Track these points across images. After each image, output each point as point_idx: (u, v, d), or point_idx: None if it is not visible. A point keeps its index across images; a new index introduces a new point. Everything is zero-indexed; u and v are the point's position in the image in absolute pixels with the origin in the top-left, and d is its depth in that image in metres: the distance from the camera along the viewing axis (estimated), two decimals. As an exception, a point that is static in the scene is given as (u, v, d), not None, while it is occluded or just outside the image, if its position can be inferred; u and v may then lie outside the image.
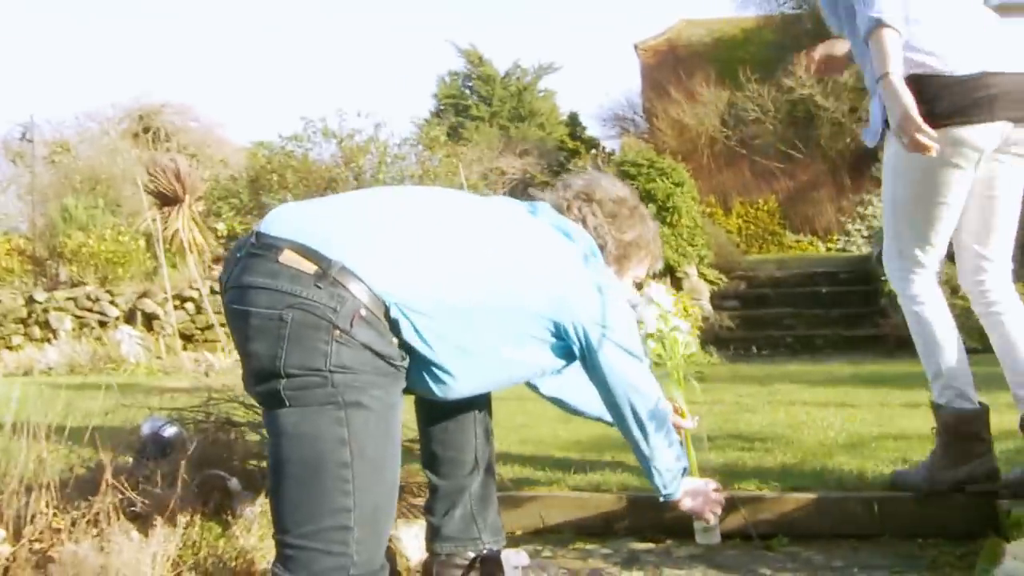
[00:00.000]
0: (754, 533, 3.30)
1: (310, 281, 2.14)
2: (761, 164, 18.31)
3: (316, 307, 2.12)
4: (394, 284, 2.19)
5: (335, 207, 2.40)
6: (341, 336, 2.12)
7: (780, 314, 12.50)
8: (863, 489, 3.39)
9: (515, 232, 2.50)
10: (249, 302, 2.17)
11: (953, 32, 3.04)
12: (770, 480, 3.50)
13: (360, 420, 2.14)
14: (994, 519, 3.14)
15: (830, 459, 3.77)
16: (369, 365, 2.16)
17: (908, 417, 4.41)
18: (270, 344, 2.13)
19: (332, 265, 2.15)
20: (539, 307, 2.42)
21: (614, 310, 2.54)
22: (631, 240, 2.81)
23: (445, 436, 2.82)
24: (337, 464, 2.12)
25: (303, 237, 2.21)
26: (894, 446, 3.97)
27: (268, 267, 2.18)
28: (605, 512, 3.50)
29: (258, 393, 2.21)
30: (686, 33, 24.10)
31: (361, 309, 2.14)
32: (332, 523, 2.12)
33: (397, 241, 2.28)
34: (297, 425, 2.13)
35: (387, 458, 2.22)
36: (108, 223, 15.71)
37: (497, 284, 2.35)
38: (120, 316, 13.27)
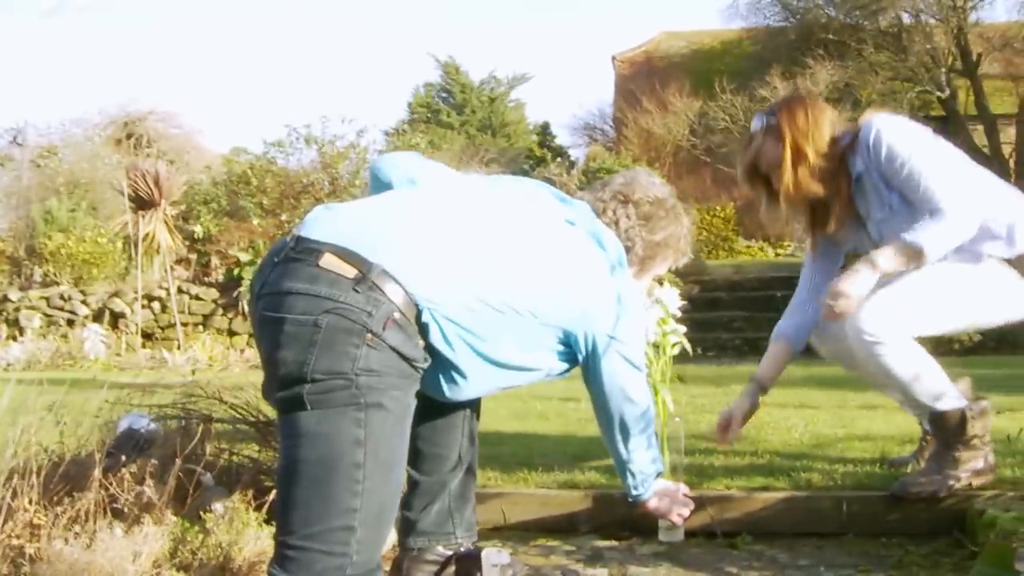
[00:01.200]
0: (718, 531, 3.29)
1: (349, 285, 2.12)
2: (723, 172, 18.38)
3: (352, 311, 2.10)
4: (430, 288, 2.19)
5: (377, 208, 2.38)
6: (373, 340, 2.11)
7: (731, 317, 12.54)
8: (832, 489, 3.37)
9: (551, 241, 2.48)
10: (286, 308, 2.13)
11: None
12: (739, 479, 3.48)
13: (378, 421, 2.13)
14: (960, 519, 3.15)
15: (798, 459, 3.76)
16: (394, 368, 2.15)
17: (868, 419, 4.41)
18: (300, 350, 2.10)
19: (372, 269, 2.14)
20: (560, 318, 2.42)
21: (628, 323, 2.54)
22: (660, 241, 2.80)
23: (432, 434, 2.76)
24: (351, 465, 2.10)
25: (344, 240, 2.19)
26: (860, 447, 3.98)
27: (308, 272, 2.15)
28: (569, 509, 3.46)
29: (279, 399, 2.17)
30: (665, 45, 24.24)
31: (395, 313, 2.14)
32: (338, 524, 2.09)
33: (437, 244, 2.27)
34: (316, 425, 2.10)
35: (397, 459, 2.22)
36: (88, 225, 15.65)
37: (527, 295, 2.34)
38: (89, 315, 13.30)
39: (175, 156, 22.70)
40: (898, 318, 3.02)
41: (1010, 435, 3.74)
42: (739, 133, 18.49)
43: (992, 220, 3.08)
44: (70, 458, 3.22)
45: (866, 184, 3.17)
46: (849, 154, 3.17)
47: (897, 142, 3.07)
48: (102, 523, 2.66)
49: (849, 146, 3.17)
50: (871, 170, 3.13)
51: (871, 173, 3.14)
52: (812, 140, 3.15)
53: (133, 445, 3.36)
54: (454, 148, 22.40)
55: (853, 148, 3.16)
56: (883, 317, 3.01)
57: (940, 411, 3.14)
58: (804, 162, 3.15)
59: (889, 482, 3.30)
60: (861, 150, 3.14)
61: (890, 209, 3.14)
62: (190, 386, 3.79)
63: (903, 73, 18.67)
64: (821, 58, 18.14)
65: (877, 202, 3.17)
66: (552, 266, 2.42)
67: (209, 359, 11.42)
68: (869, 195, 3.18)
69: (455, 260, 2.26)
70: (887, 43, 19.22)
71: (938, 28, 18.74)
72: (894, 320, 3.02)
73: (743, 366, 8.99)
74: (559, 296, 2.40)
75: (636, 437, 2.65)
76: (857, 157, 3.15)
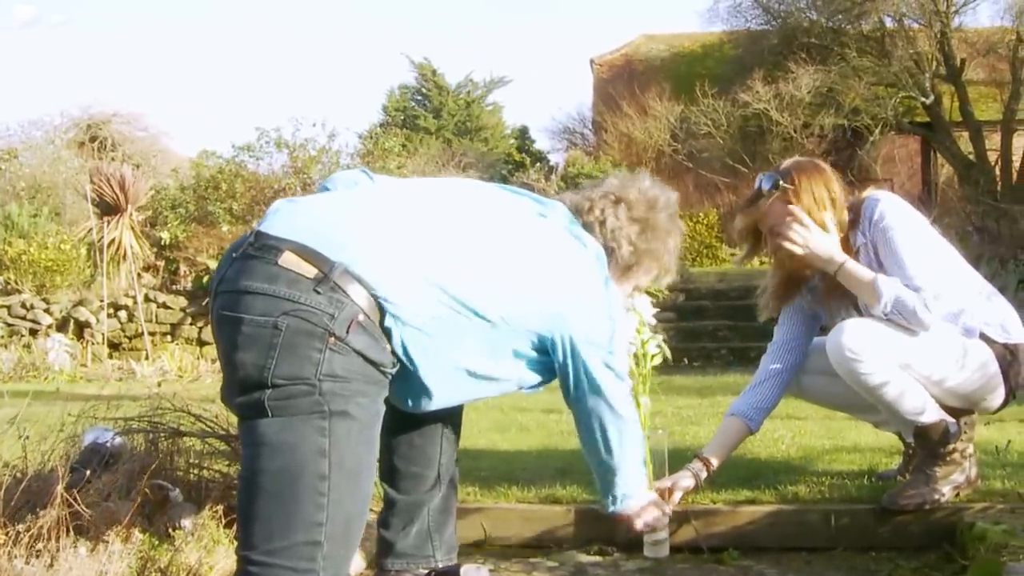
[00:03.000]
0: (704, 546, 3.27)
1: (309, 286, 2.06)
2: (706, 178, 18.44)
3: (313, 313, 2.04)
4: (395, 290, 2.12)
5: (341, 204, 2.32)
6: (336, 344, 2.05)
7: (717, 326, 12.54)
8: (820, 502, 3.37)
9: (526, 238, 2.41)
10: (243, 308, 2.07)
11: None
12: (724, 493, 3.45)
13: (343, 430, 2.06)
14: (950, 532, 3.16)
15: (785, 472, 3.75)
16: (360, 373, 2.09)
17: (856, 430, 4.41)
18: (260, 353, 2.04)
19: (334, 268, 2.07)
20: (535, 323, 2.35)
21: (610, 328, 2.46)
22: (648, 248, 2.68)
23: (409, 451, 2.70)
24: (314, 476, 2.04)
25: (305, 237, 2.12)
26: (848, 459, 3.98)
27: (267, 270, 2.09)
28: (552, 525, 3.45)
29: (239, 405, 2.11)
30: (644, 48, 24.29)
31: (359, 315, 2.07)
32: (303, 538, 2.03)
33: (403, 242, 2.20)
34: (278, 434, 2.04)
35: (364, 468, 2.14)
36: (50, 231, 15.51)
37: (500, 298, 2.28)
38: (53, 324, 13.16)
39: (141, 159, 22.59)
40: (878, 340, 3.09)
41: (998, 446, 3.75)
42: (721, 138, 18.57)
43: (982, 312, 3.22)
44: (33, 473, 3.17)
45: (861, 260, 3.22)
46: (850, 229, 3.24)
47: (896, 219, 3.15)
48: (65, 541, 2.62)
49: (852, 220, 3.24)
50: (868, 245, 3.21)
51: (868, 248, 3.21)
52: (833, 211, 3.21)
53: (98, 460, 3.32)
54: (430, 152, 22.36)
55: (856, 223, 3.23)
56: (864, 336, 3.08)
57: (923, 424, 3.20)
58: (820, 227, 3.19)
59: (878, 495, 3.31)
60: (863, 224, 3.21)
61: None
62: (157, 398, 3.75)
63: (887, 78, 18.74)
64: (804, 62, 18.18)
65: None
66: (528, 265, 2.35)
67: (178, 370, 11.31)
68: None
69: (422, 261, 2.19)
70: (870, 48, 19.29)
71: (921, 33, 18.81)
72: (874, 340, 3.08)
73: (729, 376, 9.00)
74: (535, 299, 2.33)
75: (621, 452, 2.57)
76: (858, 232, 3.23)
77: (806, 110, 18.11)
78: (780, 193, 3.20)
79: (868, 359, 3.07)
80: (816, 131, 18.21)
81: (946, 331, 3.17)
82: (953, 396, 3.24)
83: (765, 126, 18.19)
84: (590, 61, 24.14)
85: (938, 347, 3.16)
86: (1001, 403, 3.31)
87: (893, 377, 3.11)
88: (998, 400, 3.29)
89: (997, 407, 3.33)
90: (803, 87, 17.84)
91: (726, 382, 8.17)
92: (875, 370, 3.08)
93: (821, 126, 18.07)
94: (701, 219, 19.75)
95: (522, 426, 5.49)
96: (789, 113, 17.96)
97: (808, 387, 3.43)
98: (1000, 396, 3.28)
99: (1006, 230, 12.59)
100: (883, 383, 3.10)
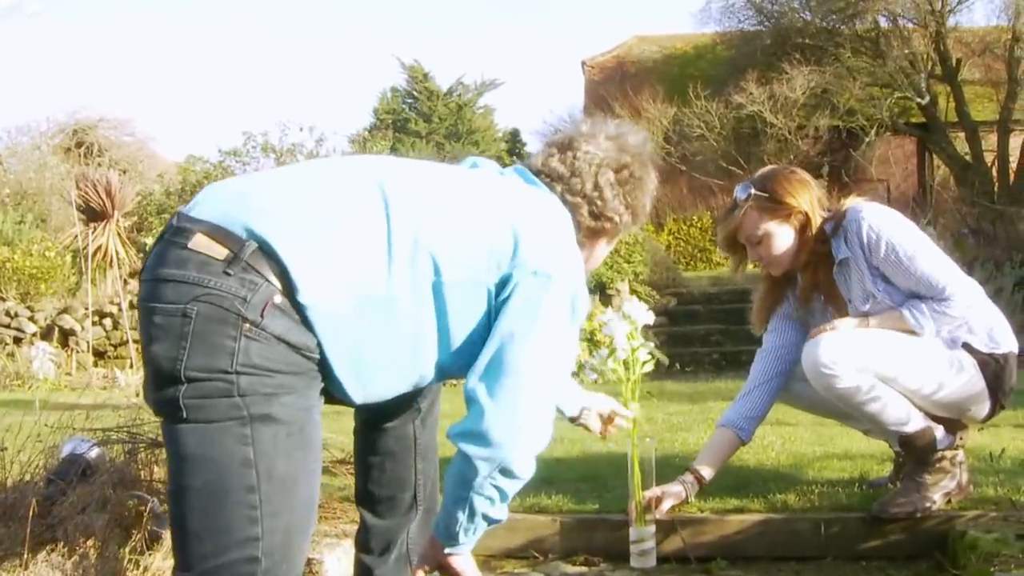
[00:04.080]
0: (692, 556, 3.26)
1: (220, 268, 1.92)
2: (700, 180, 18.46)
3: (223, 298, 1.90)
4: (312, 274, 1.95)
5: (263, 179, 2.19)
6: (251, 330, 1.90)
7: (709, 331, 12.54)
8: (809, 511, 3.36)
9: (474, 190, 2.23)
10: (156, 297, 1.95)
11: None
12: (712, 501, 3.43)
13: (268, 436, 1.92)
14: (941, 541, 3.16)
15: (774, 480, 3.74)
16: (282, 362, 1.93)
17: (847, 437, 4.40)
18: (172, 344, 1.90)
19: (245, 247, 1.93)
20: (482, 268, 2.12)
21: (566, 278, 2.18)
22: (631, 204, 2.44)
23: (382, 475, 2.58)
24: (242, 489, 1.91)
25: (219, 216, 1.98)
26: (839, 466, 3.97)
27: (177, 255, 1.96)
28: (537, 535, 3.43)
29: (156, 403, 1.99)
30: (636, 50, 24.31)
31: (275, 296, 1.92)
32: (238, 555, 1.92)
33: (323, 215, 2.03)
34: (197, 446, 1.92)
35: (300, 474, 1.99)
36: (35, 238, 15.47)
37: (455, 262, 2.07)
38: (37, 332, 13.10)
39: (128, 165, 22.57)
40: (854, 353, 3.10)
41: (992, 452, 3.75)
42: (715, 140, 18.58)
43: (974, 315, 3.21)
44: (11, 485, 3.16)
45: (851, 271, 3.25)
46: (832, 238, 3.26)
47: (891, 234, 3.15)
48: (41, 555, 2.61)
49: (834, 230, 3.25)
50: (858, 259, 3.21)
51: (858, 261, 3.22)
52: (808, 212, 3.24)
53: (77, 471, 3.31)
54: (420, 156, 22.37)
55: (836, 232, 3.25)
56: (839, 350, 3.09)
57: (908, 433, 3.21)
58: (797, 234, 3.25)
59: (868, 503, 3.30)
60: (848, 237, 3.22)
61: (873, 299, 3.23)
62: (136, 408, 3.73)
63: (881, 78, 18.78)
64: (798, 63, 18.21)
65: (860, 291, 3.26)
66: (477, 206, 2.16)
67: (162, 378, 11.26)
68: (852, 282, 3.27)
69: (348, 236, 2.01)
70: (865, 48, 19.34)
71: (916, 32, 18.86)
72: (850, 353, 3.09)
73: (721, 381, 9.00)
74: (475, 250, 2.10)
75: (513, 484, 2.24)
76: (841, 242, 3.24)
77: (800, 111, 18.14)
78: (754, 202, 3.21)
79: (843, 373, 3.07)
80: (811, 132, 18.25)
81: (927, 342, 3.17)
82: (937, 407, 3.24)
83: (759, 128, 18.21)
84: (581, 63, 24.16)
85: (917, 359, 3.16)
86: (988, 413, 3.31)
87: (872, 389, 3.11)
88: (984, 410, 3.28)
89: (984, 417, 3.32)
90: (797, 88, 17.86)
91: (718, 388, 8.17)
92: (852, 383, 3.08)
93: (816, 127, 18.11)
94: (695, 222, 19.79)
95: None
96: (783, 114, 17.98)
97: (798, 394, 3.42)
98: (986, 406, 3.27)
99: (1002, 232, 12.60)
100: (862, 396, 3.11)
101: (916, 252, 3.12)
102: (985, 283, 3.51)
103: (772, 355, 3.44)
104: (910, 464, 3.28)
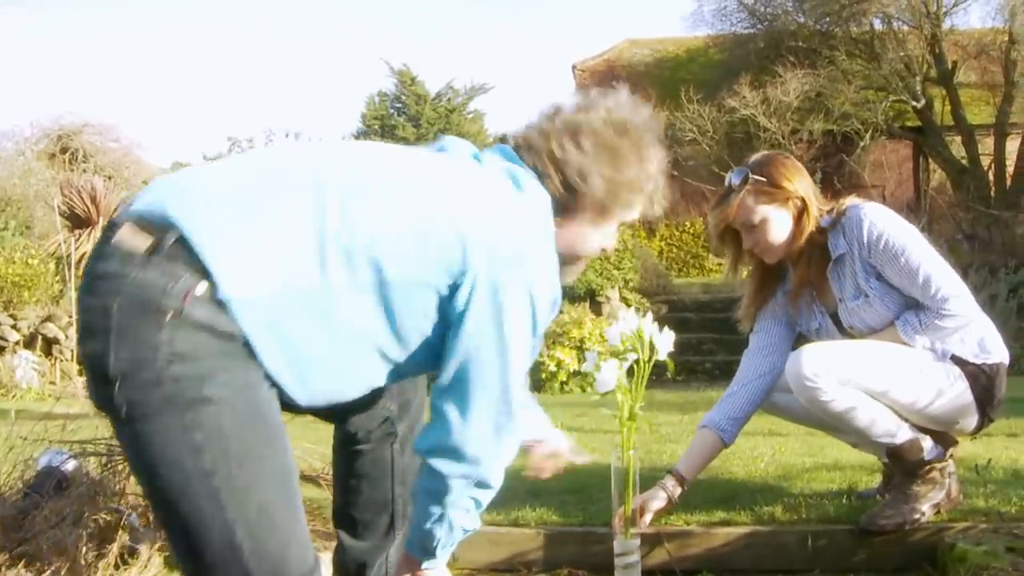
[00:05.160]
0: (677, 569, 3.26)
1: (141, 260, 1.86)
2: (692, 186, 18.47)
3: (144, 289, 1.84)
4: (231, 264, 1.87)
5: (204, 170, 2.10)
6: (174, 320, 1.83)
7: (701, 339, 12.52)
8: (797, 523, 3.35)
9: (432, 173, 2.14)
10: (85, 294, 1.92)
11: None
12: (698, 514, 3.43)
13: (211, 417, 1.86)
14: (931, 553, 3.16)
15: (762, 492, 3.73)
16: (210, 348, 1.86)
17: (838, 447, 4.38)
18: (100, 342, 1.86)
19: (166, 237, 1.87)
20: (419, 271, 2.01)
21: (530, 269, 2.08)
22: (624, 180, 2.31)
23: (358, 499, 2.56)
24: (200, 476, 1.86)
25: (147, 207, 1.93)
26: (828, 477, 3.96)
27: (105, 250, 1.91)
28: (520, 548, 3.42)
29: (96, 402, 1.94)
30: (627, 53, 24.34)
31: (198, 285, 1.85)
32: (219, 544, 1.88)
33: (254, 208, 1.95)
34: (145, 443, 1.87)
35: (260, 448, 1.92)
36: (18, 245, 15.42)
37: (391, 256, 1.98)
38: (20, 341, 13.04)
39: (113, 171, 22.50)
40: (838, 366, 3.10)
41: (978, 464, 3.74)
42: (708, 145, 18.61)
43: (969, 326, 3.21)
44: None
45: (846, 268, 3.24)
46: (830, 232, 3.24)
47: (894, 233, 3.14)
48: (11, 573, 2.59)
49: (831, 225, 3.24)
50: (855, 256, 3.21)
51: (854, 259, 3.21)
52: (805, 198, 3.23)
53: (53, 484, 3.30)
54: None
55: (834, 227, 3.24)
56: (822, 362, 3.09)
57: (895, 445, 3.21)
58: (794, 221, 3.24)
59: (857, 515, 3.29)
60: (847, 233, 3.21)
61: (865, 297, 3.22)
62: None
63: (876, 82, 18.84)
64: (792, 66, 18.27)
65: (852, 288, 3.25)
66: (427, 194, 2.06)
67: (146, 387, 11.25)
68: (846, 279, 3.26)
69: (267, 224, 1.93)
70: (860, 51, 19.41)
71: (912, 35, 18.94)
72: (833, 366, 3.09)
73: (713, 391, 8.97)
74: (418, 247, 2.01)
75: (487, 493, 2.25)
76: (840, 238, 3.23)
77: (794, 115, 18.17)
78: (751, 186, 3.21)
79: (826, 385, 3.06)
80: (805, 137, 18.28)
81: (915, 354, 3.17)
82: (924, 419, 3.24)
83: (752, 132, 18.24)
84: (572, 67, 24.18)
85: (903, 371, 3.16)
86: (977, 425, 3.30)
87: (857, 402, 3.10)
88: (973, 423, 3.28)
89: (973, 429, 3.32)
90: (791, 92, 17.91)
91: (710, 397, 8.13)
92: (836, 396, 3.08)
93: (810, 131, 18.14)
94: (687, 228, 19.83)
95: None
96: (777, 119, 18.02)
97: (784, 406, 3.41)
98: (974, 419, 3.26)
99: (998, 237, 12.62)
100: (846, 409, 3.10)
101: (916, 253, 3.11)
102: (979, 289, 3.52)
103: (758, 355, 3.43)
104: (898, 476, 3.28)
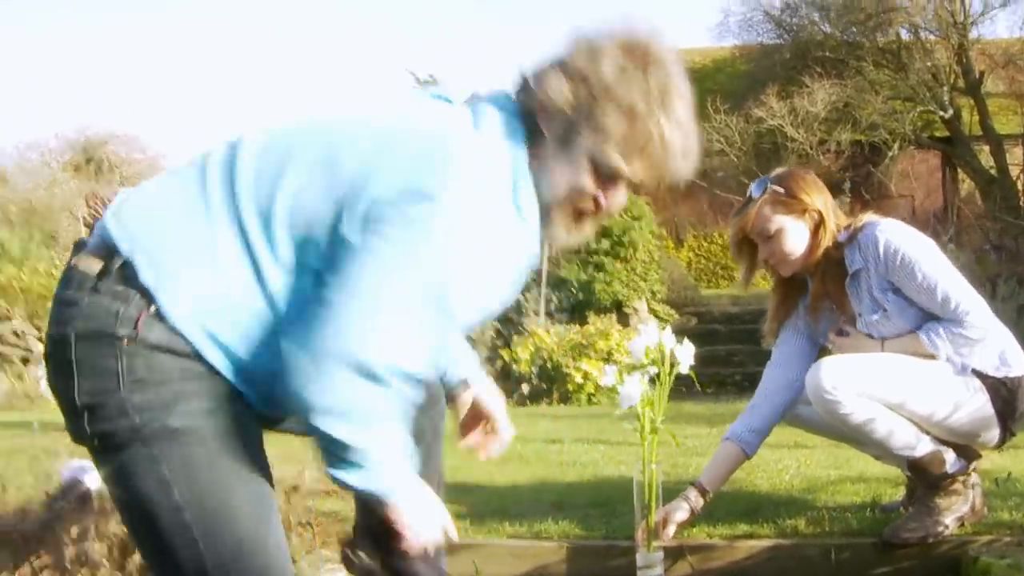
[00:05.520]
0: (700, 583, 3.24)
1: (91, 284, 1.80)
2: (720, 197, 18.42)
3: (96, 317, 1.78)
4: (169, 284, 1.79)
5: (155, 181, 2.03)
6: (129, 346, 1.76)
7: (730, 351, 12.47)
8: (820, 536, 3.35)
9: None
10: (51, 323, 1.86)
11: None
12: (721, 527, 3.43)
13: (176, 452, 1.79)
14: (955, 566, 3.15)
15: (786, 504, 3.73)
16: (171, 371, 1.79)
17: (864, 459, 4.37)
18: (63, 374, 1.81)
19: (114, 259, 1.80)
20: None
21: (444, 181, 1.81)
22: (592, 117, 1.93)
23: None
24: (170, 511, 1.80)
25: (104, 226, 1.85)
26: (853, 489, 3.95)
27: (65, 275, 1.85)
28: (543, 561, 3.43)
29: (72, 434, 1.88)
30: (654, 64, 24.27)
31: (150, 308, 1.78)
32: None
33: (183, 222, 1.85)
34: (117, 476, 1.82)
35: (230, 479, 1.83)
36: (43, 256, 15.52)
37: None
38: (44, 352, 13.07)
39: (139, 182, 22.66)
40: (857, 378, 3.10)
41: (998, 478, 3.72)
42: (735, 156, 18.55)
43: (989, 338, 3.20)
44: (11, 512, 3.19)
45: (862, 283, 3.25)
46: (847, 248, 3.26)
47: (910, 250, 3.15)
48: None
49: (848, 240, 3.26)
50: (871, 272, 3.21)
51: (870, 274, 3.22)
52: (822, 212, 3.25)
53: (78, 498, 3.33)
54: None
55: (851, 243, 3.25)
56: (842, 374, 3.10)
57: (916, 458, 3.20)
58: (810, 234, 3.25)
59: (880, 528, 3.29)
60: (863, 249, 3.22)
61: (884, 311, 3.22)
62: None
63: (904, 92, 18.74)
64: (819, 76, 18.20)
65: (870, 303, 3.25)
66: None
67: (173, 397, 11.27)
68: (863, 294, 3.26)
69: (194, 239, 1.83)
70: (887, 61, 19.31)
71: (939, 45, 18.83)
72: (853, 378, 3.09)
73: (742, 403, 8.91)
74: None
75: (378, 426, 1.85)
76: (856, 254, 3.24)
77: (822, 126, 18.07)
78: (769, 196, 3.23)
79: (844, 398, 3.07)
80: (833, 147, 18.20)
81: (935, 366, 3.17)
82: (943, 432, 3.22)
83: (780, 142, 18.15)
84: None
85: (923, 384, 3.15)
86: (1000, 439, 3.29)
87: (875, 414, 3.10)
88: (995, 436, 3.26)
89: (996, 443, 3.31)
90: (819, 102, 17.82)
91: (738, 409, 8.05)
92: (855, 408, 3.08)
93: (838, 142, 18.05)
94: (715, 239, 19.76)
95: (521, 456, 5.47)
96: (804, 129, 17.94)
97: (807, 417, 3.42)
98: (996, 432, 3.25)
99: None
100: (864, 420, 3.10)
101: (933, 270, 3.12)
102: (1007, 300, 3.51)
103: (780, 368, 3.45)
104: (921, 488, 3.27)
